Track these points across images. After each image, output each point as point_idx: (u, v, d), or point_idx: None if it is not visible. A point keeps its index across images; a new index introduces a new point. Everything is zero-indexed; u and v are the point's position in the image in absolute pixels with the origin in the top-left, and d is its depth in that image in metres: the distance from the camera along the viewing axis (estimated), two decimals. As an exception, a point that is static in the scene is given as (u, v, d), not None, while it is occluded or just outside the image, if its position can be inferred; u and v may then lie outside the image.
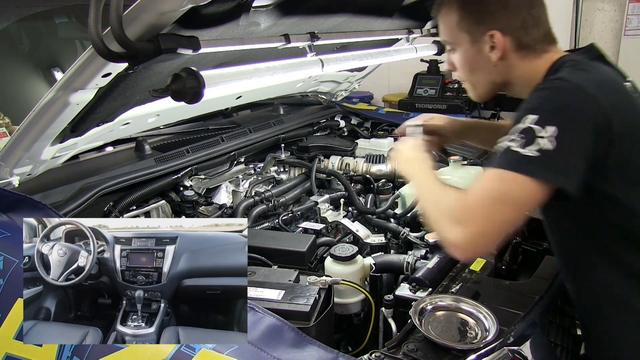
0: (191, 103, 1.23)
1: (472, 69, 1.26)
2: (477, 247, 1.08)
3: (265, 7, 1.35)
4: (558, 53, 1.24)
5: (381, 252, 1.61)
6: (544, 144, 1.02)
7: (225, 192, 2.04)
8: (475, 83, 1.29)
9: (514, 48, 1.20)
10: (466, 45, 1.23)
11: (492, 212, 1.05)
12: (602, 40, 4.32)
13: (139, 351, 1.05)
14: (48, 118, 1.29)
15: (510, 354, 1.10)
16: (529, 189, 1.03)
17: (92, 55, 1.14)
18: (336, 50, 1.96)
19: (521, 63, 1.22)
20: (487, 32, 1.19)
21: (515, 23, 1.19)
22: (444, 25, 1.27)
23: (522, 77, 1.22)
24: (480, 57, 1.22)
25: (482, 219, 1.05)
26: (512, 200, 1.04)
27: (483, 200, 1.06)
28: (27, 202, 1.29)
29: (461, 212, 1.07)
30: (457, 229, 1.06)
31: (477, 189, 1.09)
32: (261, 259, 1.44)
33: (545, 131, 1.02)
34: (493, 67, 1.23)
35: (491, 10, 1.19)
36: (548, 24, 1.24)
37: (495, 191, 1.05)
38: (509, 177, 1.04)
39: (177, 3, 1.03)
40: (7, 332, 1.18)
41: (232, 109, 2.49)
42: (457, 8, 1.23)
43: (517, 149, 1.04)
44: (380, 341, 1.33)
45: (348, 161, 2.35)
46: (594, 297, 1.25)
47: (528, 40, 1.20)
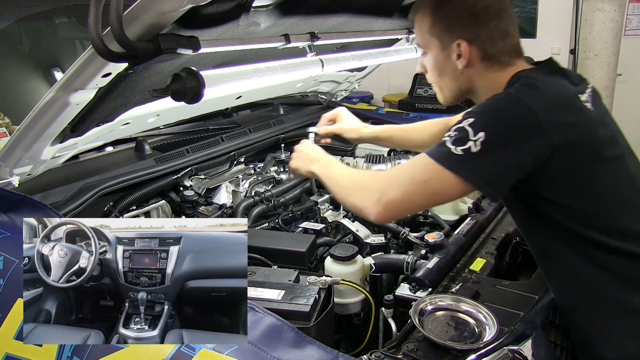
0: (191, 103, 1.23)
1: (441, 74, 1.32)
2: (390, 214, 1.20)
3: (265, 7, 1.34)
4: (522, 67, 1.28)
5: (381, 252, 1.61)
6: (470, 146, 1.11)
7: (225, 192, 2.04)
8: (443, 87, 1.34)
9: (479, 58, 1.25)
10: (436, 51, 1.29)
11: (410, 190, 1.17)
12: (602, 40, 4.32)
13: (139, 351, 1.05)
14: (48, 118, 1.29)
15: (510, 354, 1.10)
16: (448, 182, 1.13)
17: (92, 55, 1.14)
18: (336, 50, 1.96)
19: (486, 73, 1.27)
20: (456, 40, 1.24)
21: (483, 34, 1.23)
22: (418, 29, 1.33)
23: (485, 87, 1.27)
24: (448, 63, 1.28)
25: (400, 191, 1.17)
26: (431, 188, 1.16)
27: (405, 177, 1.19)
28: (27, 202, 1.29)
29: (382, 182, 1.21)
30: (375, 195, 1.18)
31: (404, 167, 1.24)
32: (261, 259, 1.44)
33: (475, 135, 1.11)
34: (459, 74, 1.28)
35: (461, 20, 1.24)
36: (516, 37, 1.28)
37: (417, 174, 1.17)
38: (433, 167, 1.14)
39: (177, 3, 1.03)
40: (7, 332, 1.18)
41: (232, 109, 2.49)
42: (430, 14, 1.28)
43: (449, 145, 1.14)
44: (380, 341, 1.33)
45: (348, 161, 2.35)
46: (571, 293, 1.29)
47: (494, 52, 1.25)
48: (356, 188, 1.26)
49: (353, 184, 1.29)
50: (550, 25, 4.99)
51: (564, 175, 1.17)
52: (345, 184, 1.31)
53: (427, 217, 1.86)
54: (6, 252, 1.25)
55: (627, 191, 1.24)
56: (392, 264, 1.49)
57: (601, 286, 1.24)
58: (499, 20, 1.24)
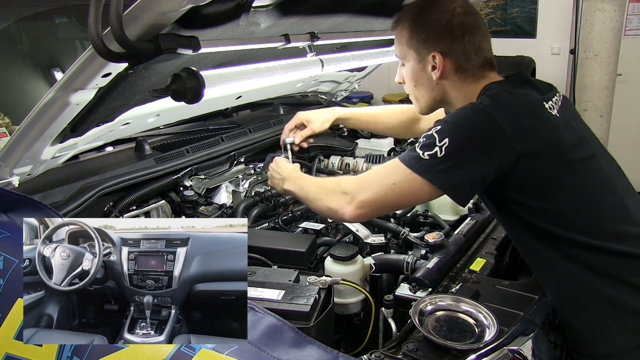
0: (191, 103, 1.23)
1: (417, 84, 1.39)
2: (364, 213, 1.28)
3: (265, 7, 1.34)
4: (493, 79, 1.34)
5: (381, 252, 1.61)
6: (437, 151, 1.18)
7: (225, 192, 2.04)
8: (419, 97, 1.41)
9: (453, 70, 1.32)
10: (413, 62, 1.36)
11: (381, 191, 1.25)
12: (602, 40, 4.32)
13: (139, 351, 1.04)
14: (48, 118, 1.29)
15: (510, 354, 1.10)
16: (416, 185, 1.21)
17: (92, 55, 1.14)
18: (336, 50, 1.96)
19: (459, 85, 1.34)
20: (431, 52, 1.32)
21: (457, 48, 1.30)
22: (397, 41, 1.40)
23: (459, 98, 1.34)
24: (424, 75, 1.35)
25: (371, 192, 1.26)
26: (400, 189, 1.23)
27: (376, 179, 1.28)
28: (27, 202, 1.29)
29: (355, 184, 1.30)
30: (349, 196, 1.28)
31: (376, 170, 1.33)
32: (261, 259, 1.44)
33: (441, 141, 1.18)
34: (435, 85, 1.35)
35: (437, 34, 1.31)
36: (489, 52, 1.35)
37: (388, 176, 1.25)
38: (402, 170, 1.23)
39: (177, 3, 1.03)
40: (7, 332, 1.18)
41: (232, 109, 2.49)
42: (408, 26, 1.35)
43: (417, 150, 1.21)
44: (380, 341, 1.33)
45: (348, 161, 2.35)
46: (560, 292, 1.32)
47: (467, 66, 1.31)
48: (329, 192, 1.34)
49: (326, 189, 1.36)
50: (550, 25, 4.98)
51: (531, 180, 1.23)
52: (318, 190, 1.38)
53: (427, 217, 1.86)
54: (6, 252, 1.25)
55: (601, 190, 1.29)
56: (392, 264, 1.49)
57: (588, 284, 1.26)
58: (472, 35, 1.31)
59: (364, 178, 1.33)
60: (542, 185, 1.24)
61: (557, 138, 1.25)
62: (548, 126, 1.26)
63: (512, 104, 1.24)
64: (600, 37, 4.32)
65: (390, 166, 1.28)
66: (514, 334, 1.16)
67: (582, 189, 1.26)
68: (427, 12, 1.33)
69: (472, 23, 1.32)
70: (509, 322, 1.20)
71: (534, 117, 1.25)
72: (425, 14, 1.33)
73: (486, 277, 1.45)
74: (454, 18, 1.30)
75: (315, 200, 1.39)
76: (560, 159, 1.24)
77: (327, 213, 1.40)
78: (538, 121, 1.25)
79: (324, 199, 1.35)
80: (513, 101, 1.25)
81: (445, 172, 1.19)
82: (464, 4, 1.34)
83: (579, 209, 1.26)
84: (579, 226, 1.25)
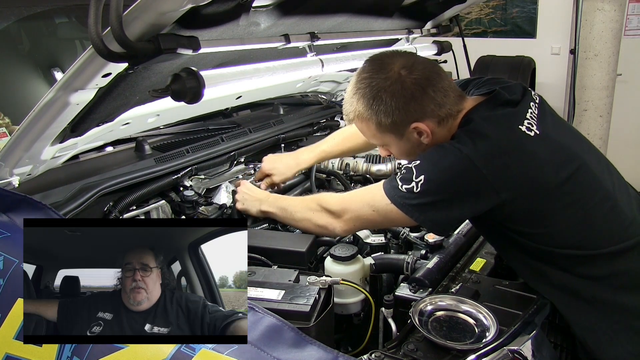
0: (191, 103, 1.22)
1: (410, 154, 1.38)
2: (354, 228, 1.40)
3: (265, 7, 1.34)
4: (469, 105, 1.32)
5: (381, 252, 1.61)
6: (413, 186, 1.22)
7: (225, 192, 2.04)
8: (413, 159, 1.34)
9: (437, 124, 1.30)
10: (397, 142, 1.35)
11: (363, 213, 1.34)
12: (602, 40, 4.32)
13: (139, 351, 1.04)
14: (48, 118, 1.29)
15: (510, 354, 1.10)
16: (394, 214, 1.26)
17: (92, 55, 1.14)
18: (336, 50, 1.96)
19: (444, 129, 1.32)
20: (409, 126, 1.29)
21: (428, 106, 1.27)
22: (367, 133, 1.38)
23: (445, 137, 1.32)
24: (412, 144, 1.34)
25: (355, 213, 1.35)
26: (379, 213, 1.30)
27: (359, 201, 1.36)
28: (27, 202, 1.29)
29: (340, 204, 1.39)
30: (336, 214, 1.38)
31: (359, 192, 1.41)
32: (261, 259, 1.44)
33: (417, 177, 1.22)
34: (425, 145, 1.34)
35: (402, 109, 1.26)
36: (453, 86, 1.32)
37: (368, 201, 1.32)
38: (381, 198, 1.28)
39: (177, 3, 1.03)
40: (7, 332, 1.18)
41: (232, 109, 2.49)
42: (368, 118, 1.31)
43: (397, 180, 1.25)
44: (380, 341, 1.34)
45: (348, 161, 2.34)
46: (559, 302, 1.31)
47: (445, 112, 1.29)
48: (315, 211, 1.43)
49: (310, 209, 1.45)
50: (550, 25, 4.98)
51: (520, 213, 1.24)
52: (302, 210, 1.47)
53: (427, 217, 1.86)
54: (6, 252, 1.25)
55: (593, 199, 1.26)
56: (392, 264, 1.49)
57: (587, 292, 1.25)
58: (433, 85, 1.27)
59: (347, 200, 1.40)
60: (532, 215, 1.24)
61: (539, 169, 1.22)
62: (528, 159, 1.22)
63: (489, 139, 1.21)
64: (600, 37, 4.32)
65: (372, 191, 1.33)
66: (514, 334, 1.16)
67: (572, 207, 1.24)
68: (376, 96, 1.26)
69: (423, 74, 1.26)
70: (509, 322, 1.20)
71: (513, 151, 1.22)
72: (376, 98, 1.26)
73: (486, 277, 1.45)
74: (405, 83, 1.25)
75: (303, 220, 1.47)
76: (547, 191, 1.22)
77: (315, 230, 1.46)
78: (518, 154, 1.22)
79: (311, 217, 1.43)
80: (490, 133, 1.22)
81: (422, 207, 1.22)
82: (403, 63, 1.27)
83: (572, 227, 1.24)
84: (574, 242, 1.24)
